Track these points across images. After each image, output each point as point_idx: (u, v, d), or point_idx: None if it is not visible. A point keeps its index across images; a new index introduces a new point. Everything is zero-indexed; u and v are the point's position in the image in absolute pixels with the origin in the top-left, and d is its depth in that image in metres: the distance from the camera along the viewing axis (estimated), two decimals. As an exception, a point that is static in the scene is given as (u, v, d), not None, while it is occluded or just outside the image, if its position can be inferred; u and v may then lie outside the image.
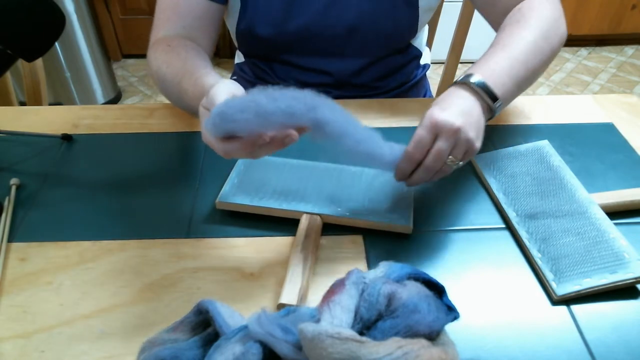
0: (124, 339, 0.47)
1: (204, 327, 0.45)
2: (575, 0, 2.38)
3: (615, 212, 0.59)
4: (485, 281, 0.53)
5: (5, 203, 0.61)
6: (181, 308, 0.47)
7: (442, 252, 0.56)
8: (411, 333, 0.39)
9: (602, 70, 2.46)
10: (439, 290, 0.44)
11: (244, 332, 0.40)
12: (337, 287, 0.42)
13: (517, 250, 0.56)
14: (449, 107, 0.54)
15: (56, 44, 1.63)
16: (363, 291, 0.42)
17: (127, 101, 2.28)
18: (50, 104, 0.94)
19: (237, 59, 0.97)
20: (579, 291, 0.50)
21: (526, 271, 0.54)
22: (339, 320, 0.39)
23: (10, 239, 0.57)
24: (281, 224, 0.59)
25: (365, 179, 0.62)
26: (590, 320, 0.49)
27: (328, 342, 0.36)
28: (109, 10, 2.33)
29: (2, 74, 0.56)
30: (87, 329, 0.48)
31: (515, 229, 0.57)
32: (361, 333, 0.39)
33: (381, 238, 0.57)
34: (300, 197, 0.59)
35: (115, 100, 2.24)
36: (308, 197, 0.59)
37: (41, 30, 0.57)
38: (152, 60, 0.70)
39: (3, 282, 0.52)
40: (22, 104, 1.02)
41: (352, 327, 0.40)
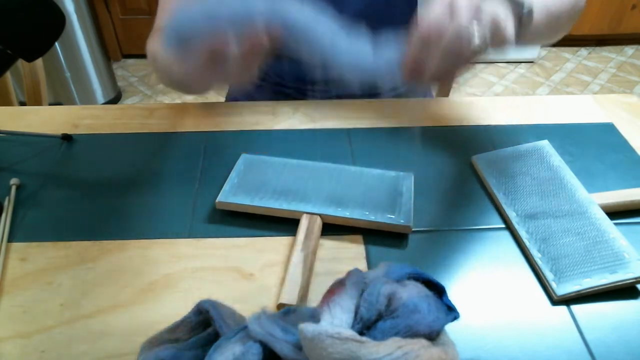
0: (124, 339, 0.47)
1: (204, 327, 0.45)
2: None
3: (615, 212, 0.59)
4: (485, 281, 0.53)
5: (5, 203, 0.61)
6: (181, 308, 0.47)
7: (442, 252, 0.56)
8: (411, 333, 0.39)
9: (602, 70, 2.46)
10: (439, 290, 0.44)
11: (244, 332, 0.40)
12: (337, 287, 0.42)
13: (517, 250, 0.56)
14: None
15: (56, 44, 1.63)
16: (363, 291, 0.42)
17: (127, 101, 2.28)
18: (50, 104, 0.94)
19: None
20: (579, 291, 0.50)
21: (526, 271, 0.54)
22: (339, 320, 0.39)
23: (10, 239, 0.57)
24: (281, 224, 0.59)
25: (365, 179, 0.62)
26: (590, 320, 0.49)
27: (328, 342, 0.36)
28: (109, 10, 2.33)
29: (2, 74, 0.56)
30: (87, 329, 0.48)
31: (515, 229, 0.57)
32: (361, 333, 0.39)
33: (381, 238, 0.57)
34: (300, 197, 0.59)
35: (115, 100, 2.24)
36: (308, 197, 0.59)
37: (41, 30, 0.57)
38: (152, 44, 0.72)
39: (3, 282, 0.52)
40: (22, 104, 1.02)
41: (352, 327, 0.40)
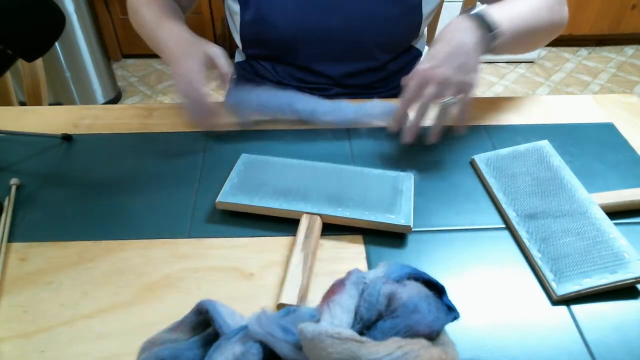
0: (124, 339, 0.47)
1: (204, 327, 0.45)
2: (575, 0, 2.38)
3: (615, 212, 0.59)
4: (485, 281, 0.53)
5: (5, 203, 0.61)
6: (181, 308, 0.47)
7: (442, 252, 0.56)
8: (411, 333, 0.39)
9: (602, 70, 2.46)
10: (439, 290, 0.44)
11: (244, 332, 0.41)
12: (337, 287, 0.42)
13: (517, 250, 0.56)
14: (435, 56, 0.59)
15: (56, 44, 1.63)
16: (363, 291, 0.42)
17: (127, 101, 2.28)
18: (50, 104, 0.94)
19: (238, 58, 0.97)
20: (579, 291, 0.50)
21: (526, 271, 0.54)
22: (339, 320, 0.39)
23: (10, 239, 0.57)
24: (281, 224, 0.59)
25: (365, 179, 0.62)
26: (590, 320, 0.49)
27: (328, 342, 0.36)
28: (109, 10, 2.33)
29: (2, 74, 0.56)
30: (87, 329, 0.48)
31: (515, 229, 0.57)
32: (361, 333, 0.39)
33: (381, 238, 0.57)
34: (300, 197, 0.59)
35: (115, 100, 2.24)
36: (308, 197, 0.59)
37: (41, 30, 0.57)
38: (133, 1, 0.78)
39: (3, 282, 0.52)
40: (22, 104, 1.02)
41: (352, 327, 0.40)
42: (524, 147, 0.67)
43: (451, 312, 0.42)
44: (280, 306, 0.48)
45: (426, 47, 0.96)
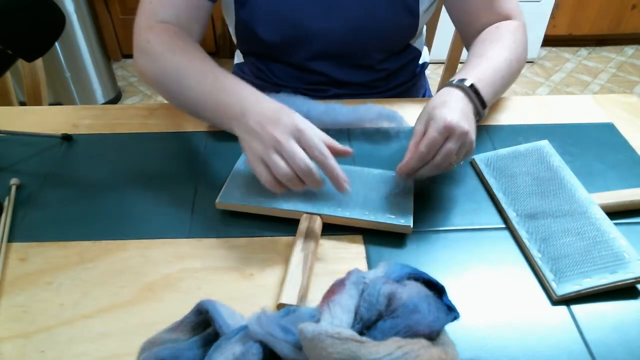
0: (124, 339, 0.47)
1: (204, 327, 0.45)
2: (575, 0, 2.38)
3: (615, 212, 0.59)
4: (485, 281, 0.53)
5: (5, 203, 0.61)
6: (181, 308, 0.47)
7: (442, 252, 0.56)
8: (411, 333, 0.39)
9: (602, 70, 2.46)
10: (439, 290, 0.44)
11: (244, 332, 0.41)
12: (337, 287, 0.42)
13: (517, 250, 0.56)
14: (456, 111, 0.57)
15: (56, 44, 1.63)
16: (363, 291, 0.42)
17: (127, 101, 2.28)
18: (50, 104, 0.94)
19: (237, 59, 0.97)
20: (579, 291, 0.50)
21: (526, 271, 0.54)
22: (339, 320, 0.39)
23: (10, 239, 0.57)
24: (281, 224, 0.59)
25: (366, 179, 0.62)
26: (590, 320, 0.49)
27: (328, 342, 0.36)
28: (109, 10, 2.33)
29: (2, 74, 0.56)
30: (87, 329, 0.48)
31: (515, 229, 0.57)
32: (361, 333, 0.39)
33: (381, 238, 0.57)
34: (300, 197, 0.59)
35: (115, 100, 2.24)
36: (308, 197, 0.59)
37: (41, 30, 0.57)
38: (154, 44, 0.66)
39: (3, 282, 0.52)
40: (22, 104, 1.02)
41: (352, 327, 0.40)
42: (524, 147, 0.67)
43: (451, 312, 0.42)
44: (280, 306, 0.48)
45: (424, 48, 0.96)
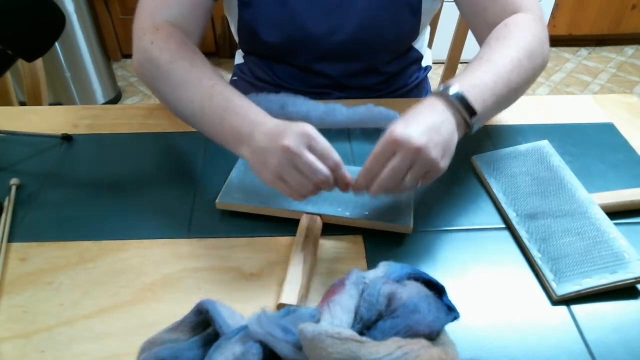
0: (124, 339, 0.47)
1: (204, 327, 0.45)
2: (575, 0, 2.38)
3: (615, 212, 0.59)
4: (485, 281, 0.53)
5: (5, 203, 0.61)
6: (181, 308, 0.47)
7: (442, 252, 0.56)
8: (411, 333, 0.39)
9: (602, 70, 2.46)
10: (439, 290, 0.44)
11: (244, 332, 0.41)
12: (337, 287, 0.42)
13: (517, 250, 0.56)
14: (414, 123, 0.50)
15: (56, 44, 1.63)
16: (363, 291, 0.42)
17: (127, 101, 2.28)
18: (50, 104, 0.94)
19: (237, 59, 0.96)
20: (579, 291, 0.50)
21: (526, 271, 0.54)
22: (339, 320, 0.39)
23: (10, 239, 0.57)
24: (281, 224, 0.59)
25: (365, 179, 0.62)
26: (590, 320, 0.49)
27: (328, 342, 0.36)
28: (109, 10, 2.33)
29: (2, 74, 0.56)
30: (87, 329, 0.48)
31: (515, 229, 0.57)
32: (361, 333, 0.39)
33: (381, 238, 0.57)
34: (300, 197, 0.59)
35: (115, 100, 2.24)
36: (308, 197, 0.59)
37: (41, 30, 0.57)
38: (160, 48, 0.63)
39: (3, 282, 0.52)
40: (22, 104, 1.02)
41: (352, 327, 0.40)
42: (524, 147, 0.67)
43: (451, 312, 0.42)
44: (280, 306, 0.48)
45: (427, 51, 0.96)
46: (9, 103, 1.00)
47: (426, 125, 0.50)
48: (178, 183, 0.65)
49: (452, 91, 0.54)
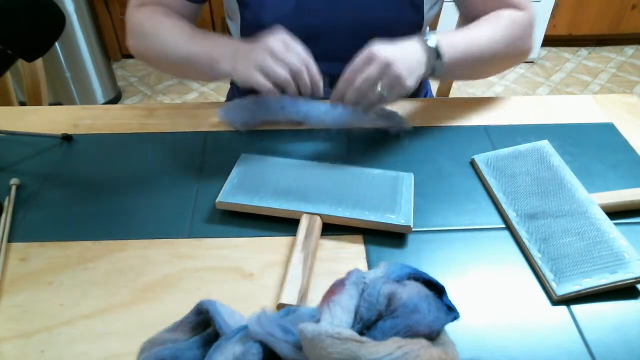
0: (124, 339, 0.47)
1: (204, 327, 0.45)
2: (575, 0, 2.38)
3: (615, 212, 0.59)
4: (485, 281, 0.53)
5: (5, 203, 0.61)
6: (181, 308, 0.47)
7: (442, 252, 0.56)
8: (411, 333, 0.39)
9: (602, 70, 2.46)
10: (439, 290, 0.44)
11: (244, 332, 0.41)
12: (337, 287, 0.42)
13: (517, 250, 0.56)
14: (390, 45, 0.63)
15: (56, 44, 1.63)
16: (363, 291, 0.42)
17: (127, 101, 2.28)
18: (50, 104, 0.94)
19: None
20: (579, 291, 0.50)
21: (526, 271, 0.54)
22: (339, 320, 0.39)
23: (10, 239, 0.57)
24: (281, 224, 0.59)
25: (366, 179, 0.62)
26: (590, 320, 0.49)
27: (328, 342, 0.36)
28: (109, 10, 2.33)
29: (2, 74, 0.56)
30: (87, 329, 0.48)
31: (515, 229, 0.57)
32: (361, 333, 0.39)
33: (381, 238, 0.57)
34: (300, 197, 0.59)
35: (115, 100, 2.24)
36: (308, 197, 0.59)
37: (41, 30, 0.57)
38: (147, 17, 0.75)
39: (3, 282, 0.52)
40: (22, 104, 1.02)
41: (352, 327, 0.40)
42: (524, 147, 0.67)
43: (451, 312, 0.42)
44: (280, 306, 0.48)
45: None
46: (9, 103, 1.00)
47: (399, 49, 0.63)
48: (178, 183, 0.65)
49: (429, 38, 0.66)
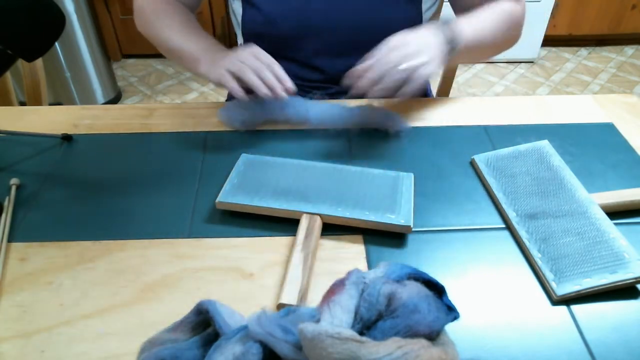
0: (124, 339, 0.47)
1: (204, 327, 0.45)
2: (575, 0, 2.38)
3: (615, 212, 0.59)
4: (485, 281, 0.53)
5: (5, 203, 0.61)
6: (181, 308, 0.47)
7: (442, 252, 0.56)
8: (411, 333, 0.39)
9: (602, 70, 2.46)
10: (439, 290, 0.44)
11: (244, 332, 0.41)
12: (337, 287, 0.42)
13: (517, 250, 0.56)
14: (411, 34, 0.66)
15: (56, 44, 1.63)
16: (363, 291, 0.42)
17: (127, 101, 2.28)
18: (50, 104, 0.94)
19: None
20: (579, 291, 0.50)
21: (526, 271, 0.54)
22: (339, 320, 0.39)
23: (10, 239, 0.57)
24: (281, 224, 0.59)
25: (366, 179, 0.62)
26: (590, 320, 0.49)
27: (328, 342, 0.36)
28: (109, 10, 2.33)
29: (2, 74, 0.56)
30: (87, 329, 0.48)
31: (515, 229, 0.57)
32: (361, 333, 0.39)
33: (381, 238, 0.57)
34: (300, 197, 0.59)
35: (115, 100, 2.24)
36: (308, 197, 0.59)
37: (41, 30, 0.57)
38: (149, 2, 0.82)
39: (3, 282, 0.52)
40: (22, 104, 1.02)
41: (352, 327, 0.40)
42: (524, 147, 0.67)
43: (451, 312, 0.42)
44: (280, 306, 0.48)
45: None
46: (9, 103, 1.00)
47: (417, 37, 0.66)
48: (178, 183, 0.65)
49: (445, 25, 0.69)
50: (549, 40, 2.53)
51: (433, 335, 0.40)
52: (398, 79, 0.63)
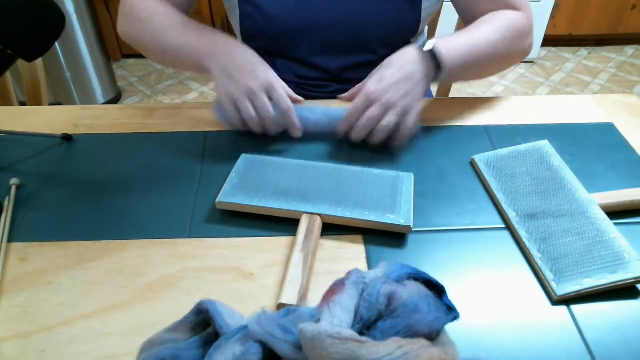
0: (124, 339, 0.47)
1: (204, 327, 0.45)
2: (575, 0, 2.38)
3: (615, 212, 0.59)
4: (485, 281, 0.53)
5: (5, 203, 0.61)
6: (181, 308, 0.47)
7: (442, 252, 0.56)
8: (411, 333, 0.39)
9: (602, 70, 2.46)
10: (439, 290, 0.44)
11: (244, 332, 0.41)
12: (337, 287, 0.42)
13: (517, 250, 0.56)
14: (387, 78, 0.64)
15: (56, 44, 1.63)
16: (363, 291, 0.42)
17: (127, 101, 2.28)
18: (50, 104, 0.94)
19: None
20: (579, 291, 0.50)
21: (526, 271, 0.54)
22: (339, 320, 0.39)
23: (10, 239, 0.57)
24: (281, 224, 0.59)
25: (366, 179, 0.62)
26: (590, 320, 0.49)
27: (328, 342, 0.36)
28: (109, 10, 2.33)
29: (2, 74, 0.56)
30: (87, 329, 0.48)
31: (515, 229, 0.57)
32: (361, 333, 0.39)
33: (381, 238, 0.57)
34: (300, 197, 0.59)
35: (115, 100, 2.24)
36: (308, 197, 0.59)
37: (41, 30, 0.57)
38: (141, 2, 0.75)
39: (3, 282, 0.52)
40: (22, 104, 1.02)
41: (352, 327, 0.40)
42: (524, 147, 0.67)
43: (451, 312, 0.42)
44: (280, 306, 0.48)
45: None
46: (9, 103, 1.00)
47: (397, 79, 0.63)
48: (178, 183, 0.65)
49: (427, 47, 0.66)
50: (549, 40, 2.53)
51: (433, 335, 0.40)
52: (385, 135, 0.65)
